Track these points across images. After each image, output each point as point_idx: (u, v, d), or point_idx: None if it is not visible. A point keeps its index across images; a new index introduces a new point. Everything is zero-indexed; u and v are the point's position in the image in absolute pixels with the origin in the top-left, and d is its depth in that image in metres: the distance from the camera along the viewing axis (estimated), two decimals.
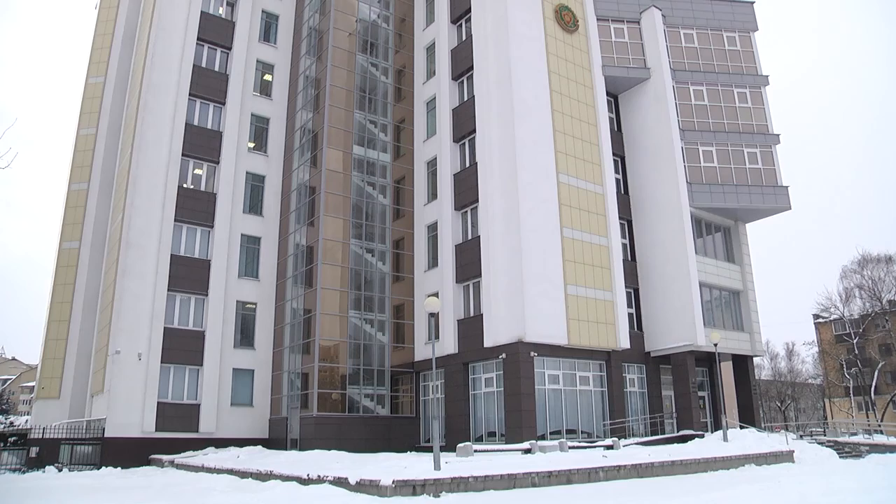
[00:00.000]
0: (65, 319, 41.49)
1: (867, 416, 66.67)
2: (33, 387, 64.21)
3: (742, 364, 38.83)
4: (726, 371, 39.53)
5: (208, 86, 37.57)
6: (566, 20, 36.24)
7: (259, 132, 39.20)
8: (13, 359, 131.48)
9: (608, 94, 38.40)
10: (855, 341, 66.33)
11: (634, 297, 36.31)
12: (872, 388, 64.63)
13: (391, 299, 35.72)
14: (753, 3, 41.98)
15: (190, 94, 36.71)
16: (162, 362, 32.70)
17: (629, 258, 36.68)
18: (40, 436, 32.31)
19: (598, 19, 38.54)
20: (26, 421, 53.52)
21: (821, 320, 78.23)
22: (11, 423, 56.57)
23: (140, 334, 32.33)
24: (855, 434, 38.41)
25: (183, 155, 35.75)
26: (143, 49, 38.85)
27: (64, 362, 40.55)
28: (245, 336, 36.06)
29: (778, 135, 39.05)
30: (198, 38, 37.88)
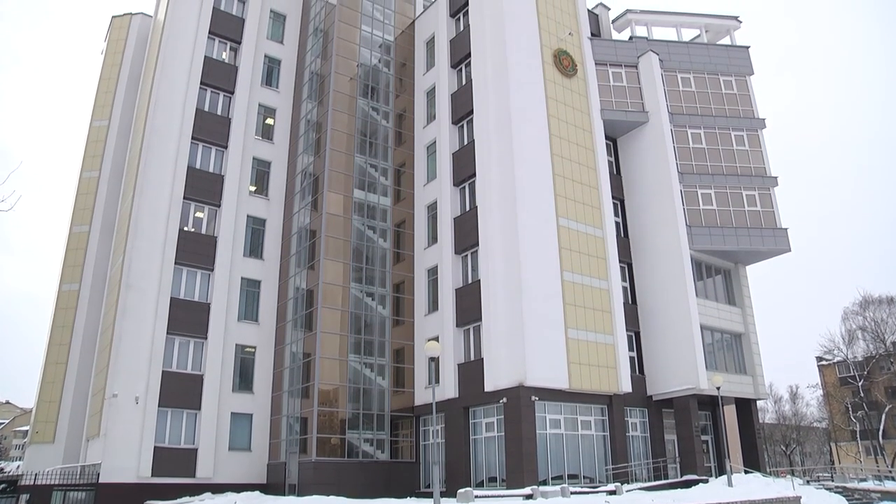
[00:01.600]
0: (62, 362, 41.21)
1: (876, 462, 65.71)
2: (27, 431, 63.42)
3: (745, 407, 38.45)
4: (729, 414, 39.15)
5: (210, 129, 37.92)
6: (565, 65, 36.72)
7: (260, 176, 39.45)
8: (7, 402, 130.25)
9: (607, 137, 38.75)
10: (860, 384, 65.74)
11: (636, 341, 36.12)
12: (880, 433, 63.82)
13: (391, 343, 35.53)
14: (748, 47, 42.60)
15: (192, 138, 37.03)
16: (159, 406, 32.33)
17: (630, 301, 36.58)
18: (32, 482, 31.85)
19: (596, 64, 39.07)
20: (17, 467, 52.78)
21: (824, 362, 77.66)
22: (1, 469, 55.66)
23: (138, 377, 32.06)
24: (864, 480, 37.87)
25: (184, 198, 35.92)
26: (147, 93, 39.33)
27: (60, 406, 40.16)
28: (244, 380, 35.77)
29: (776, 177, 39.27)
30: (201, 83, 38.33)
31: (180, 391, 33.10)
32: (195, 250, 35.50)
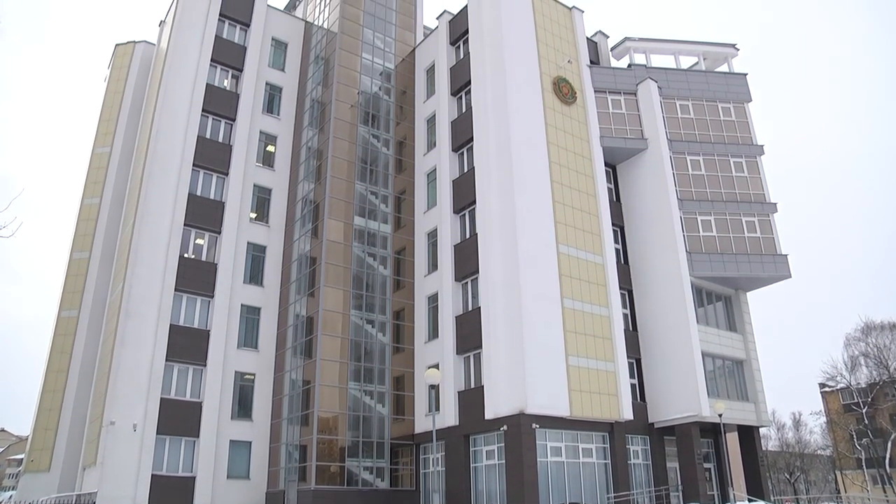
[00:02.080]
0: (59, 389, 41.00)
1: (884, 491, 64.89)
2: (21, 459, 62.83)
3: (748, 434, 38.14)
4: (732, 442, 38.79)
5: (212, 156, 38.11)
6: (564, 92, 36.99)
7: (261, 202, 39.55)
8: (2, 430, 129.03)
9: (606, 164, 38.89)
10: (864, 411, 65.16)
11: (637, 368, 35.95)
12: (887, 461, 63.14)
13: (391, 370, 35.38)
14: (746, 74, 42.90)
15: (193, 165, 37.21)
16: (157, 433, 32.11)
17: (630, 328, 36.47)
18: None
19: (595, 91, 39.35)
20: (10, 497, 52.21)
21: (827, 389, 77.05)
22: None
23: (136, 404, 31.89)
24: None
25: (185, 225, 36.00)
26: (149, 120, 39.58)
27: (56, 433, 39.85)
28: (243, 407, 35.57)
29: (775, 203, 39.32)
30: (202, 110, 38.61)
31: (179, 418, 32.90)
32: (195, 277, 35.50)
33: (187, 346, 34.20)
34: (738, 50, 44.24)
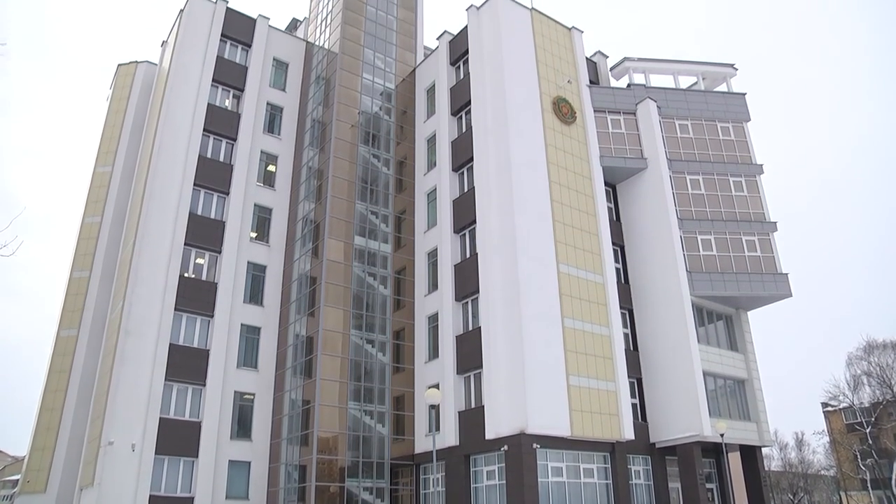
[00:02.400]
0: (57, 408, 40.76)
1: None
2: (17, 480, 62.34)
3: (750, 454, 37.90)
4: (734, 462, 38.54)
5: (213, 176, 38.21)
6: (564, 112, 37.16)
7: (261, 222, 39.60)
8: None
9: (606, 184, 39.00)
10: (868, 431, 64.66)
11: (638, 387, 35.80)
12: (892, 482, 62.52)
13: (391, 390, 35.25)
14: (745, 94, 43.11)
15: (194, 184, 37.29)
16: (156, 453, 31.87)
17: (631, 347, 36.38)
18: None
19: (595, 111, 39.55)
20: None
21: (829, 408, 76.59)
22: None
23: (135, 424, 31.71)
24: None
25: (185, 244, 36.02)
26: (151, 140, 39.73)
27: (53, 454, 39.54)
28: (242, 427, 35.38)
29: (775, 222, 39.36)
30: (203, 130, 38.77)
31: (177, 438, 32.71)
32: (195, 296, 35.46)
33: (187, 365, 34.09)
34: (736, 70, 44.47)
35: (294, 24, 52.68)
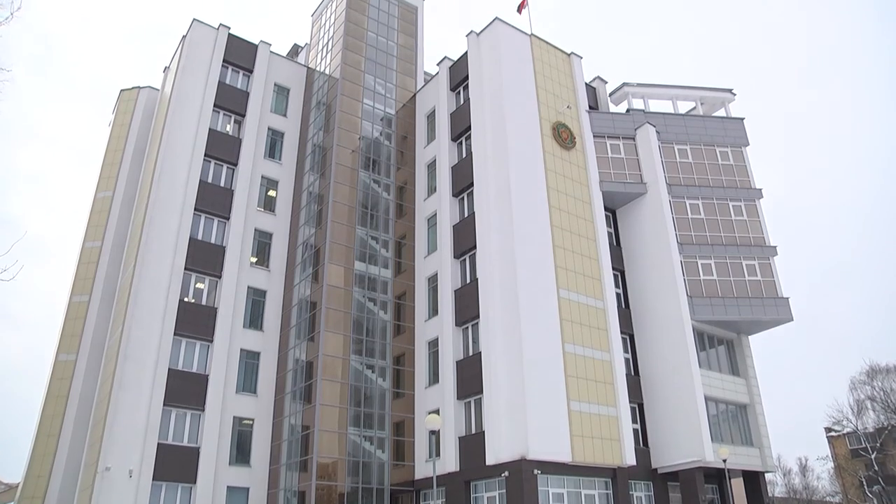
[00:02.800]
0: (54, 434, 40.49)
1: None
2: None
3: (754, 480, 37.61)
4: (737, 488, 38.23)
5: (213, 201, 38.31)
6: (563, 137, 37.35)
7: (262, 247, 39.62)
8: None
9: (606, 208, 39.11)
10: (873, 456, 64.04)
11: (639, 412, 35.61)
12: None
13: (391, 416, 35.05)
14: (743, 119, 43.36)
15: (195, 209, 37.39)
16: (154, 479, 31.58)
17: (632, 373, 36.24)
18: None
19: (594, 136, 39.75)
20: None
21: (833, 433, 76.00)
22: None
23: (132, 450, 31.48)
24: None
25: (185, 269, 36.02)
26: (152, 165, 39.88)
27: (49, 480, 39.14)
28: (241, 453, 35.12)
29: (775, 246, 39.40)
30: (204, 155, 38.96)
31: (176, 464, 32.45)
32: (195, 321, 35.39)
33: (186, 390, 33.93)
34: (734, 95, 44.78)
35: (295, 50, 53.15)
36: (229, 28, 43.21)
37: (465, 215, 36.32)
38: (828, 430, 75.82)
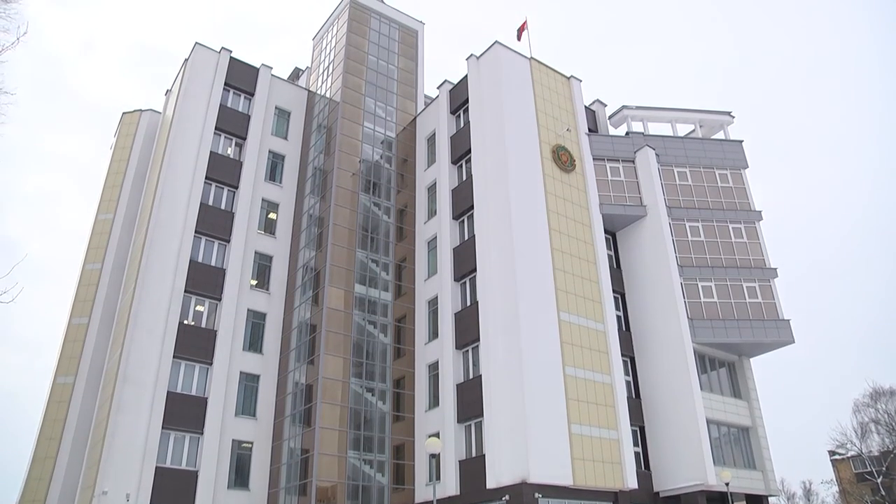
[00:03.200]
0: (51, 457, 40.16)
1: None
2: None
3: None
4: None
5: (214, 224, 38.37)
6: (563, 160, 37.49)
7: (262, 269, 39.62)
8: None
9: (606, 231, 39.17)
10: (879, 480, 63.40)
11: (640, 435, 35.41)
12: None
13: (391, 439, 34.85)
14: (742, 141, 43.55)
15: (195, 232, 37.43)
16: (151, 503, 31.41)
17: (633, 395, 36.08)
18: None
19: (594, 159, 39.90)
20: None
21: (837, 457, 75.28)
22: None
23: (130, 473, 31.21)
24: None
25: (185, 291, 35.99)
26: (153, 187, 40.00)
27: None
28: (240, 476, 34.84)
29: (775, 268, 39.40)
30: (206, 177, 39.08)
31: (174, 488, 32.17)
32: (194, 344, 35.29)
33: (184, 413, 33.74)
34: (733, 118, 45.02)
35: (296, 74, 53.51)
36: (231, 51, 43.56)
37: (466, 238, 36.36)
38: (832, 453, 75.14)
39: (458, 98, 40.64)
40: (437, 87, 42.78)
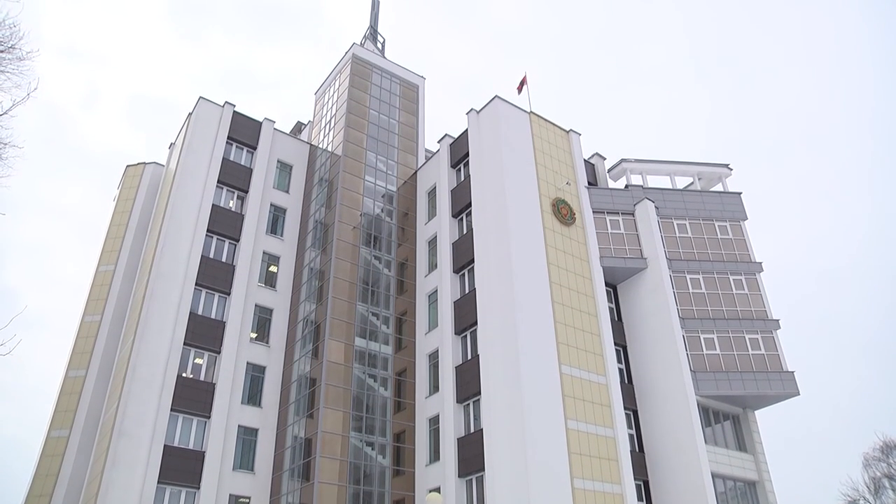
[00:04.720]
0: None
1: None
2: None
3: None
4: None
5: (214, 276, 38.38)
6: (563, 213, 37.69)
7: (262, 322, 39.47)
8: None
9: (607, 284, 39.15)
10: None
11: (645, 490, 34.81)
12: None
13: (391, 494, 34.20)
14: (740, 193, 43.84)
15: (196, 284, 37.42)
16: None
17: (637, 449, 35.58)
18: None
19: (594, 212, 40.13)
20: None
21: None
22: None
23: None
24: None
25: (185, 344, 35.79)
26: (155, 239, 40.12)
27: None
28: None
29: (777, 320, 39.26)
30: (207, 230, 39.25)
31: None
32: (192, 397, 34.93)
33: (181, 467, 33.19)
34: (731, 170, 45.43)
35: (298, 128, 54.17)
36: (234, 105, 44.21)
37: (466, 291, 36.33)
38: None
39: (459, 152, 41.07)
40: (438, 141, 43.28)
